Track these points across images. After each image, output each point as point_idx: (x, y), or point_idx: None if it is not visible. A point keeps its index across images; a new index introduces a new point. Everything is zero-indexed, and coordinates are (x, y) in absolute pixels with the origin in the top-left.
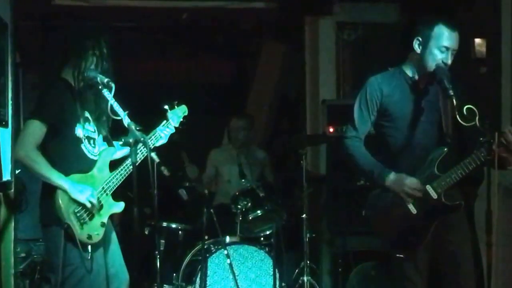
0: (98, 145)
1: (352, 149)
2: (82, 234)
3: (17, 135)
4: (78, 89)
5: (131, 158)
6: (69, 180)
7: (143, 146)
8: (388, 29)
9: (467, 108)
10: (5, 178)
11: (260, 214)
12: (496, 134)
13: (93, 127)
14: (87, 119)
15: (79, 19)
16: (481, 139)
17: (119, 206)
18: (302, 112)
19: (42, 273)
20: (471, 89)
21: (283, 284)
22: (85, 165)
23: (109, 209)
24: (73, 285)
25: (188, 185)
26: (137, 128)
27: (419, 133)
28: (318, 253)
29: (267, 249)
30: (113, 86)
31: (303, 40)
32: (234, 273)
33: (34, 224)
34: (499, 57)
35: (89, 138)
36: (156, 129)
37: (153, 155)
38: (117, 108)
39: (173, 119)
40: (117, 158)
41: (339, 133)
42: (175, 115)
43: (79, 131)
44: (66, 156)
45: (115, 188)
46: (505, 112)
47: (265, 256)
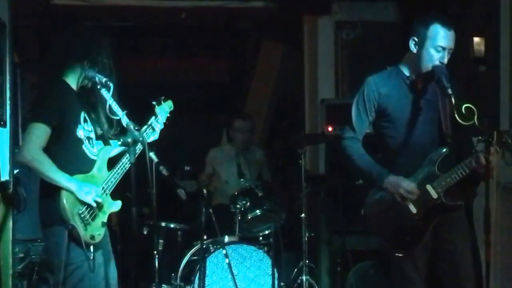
0: (95, 144)
1: (350, 150)
2: (86, 235)
3: (15, 135)
4: (78, 89)
5: (129, 158)
6: (75, 181)
7: (141, 146)
8: (386, 28)
9: (465, 107)
10: (3, 178)
11: (259, 213)
12: (495, 132)
13: (90, 126)
14: (86, 120)
15: (77, 18)
16: (480, 137)
17: (117, 205)
18: (301, 111)
19: (40, 274)
20: (470, 88)
21: (282, 283)
22: (86, 165)
23: (108, 208)
24: (74, 284)
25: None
26: (136, 128)
27: (418, 132)
28: (317, 253)
29: (266, 248)
30: (111, 85)
31: (301, 39)
32: (233, 273)
33: (32, 224)
34: (497, 56)
35: (88, 138)
36: (149, 122)
37: (152, 154)
38: (115, 107)
39: (161, 115)
40: (113, 156)
41: (337, 132)
42: (163, 111)
43: (80, 132)
44: (68, 157)
45: (113, 187)
46: (503, 111)
47: (264, 255)
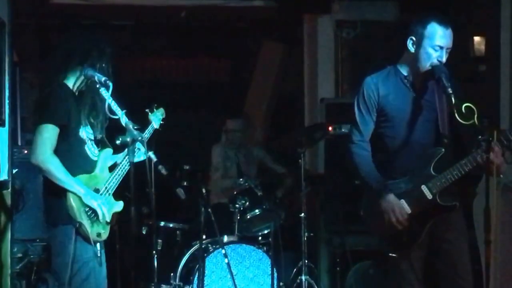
0: (95, 145)
1: (358, 159)
2: (92, 232)
3: (14, 134)
4: (78, 91)
5: (128, 157)
6: (84, 186)
7: (141, 145)
8: (386, 27)
9: (466, 107)
10: (2, 177)
11: (258, 213)
12: (495, 132)
13: (90, 129)
14: (87, 121)
15: (76, 17)
16: (480, 137)
17: (119, 205)
18: (301, 111)
19: (39, 274)
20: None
21: (281, 283)
22: (89, 166)
23: (111, 208)
24: (81, 281)
25: (186, 184)
26: (135, 127)
27: (416, 132)
28: (316, 252)
29: (265, 248)
30: (110, 85)
31: (301, 39)
32: (232, 273)
33: (31, 224)
34: (498, 55)
35: (90, 139)
36: (147, 129)
37: (151, 154)
38: (114, 107)
39: (155, 121)
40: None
41: (337, 131)
42: (156, 118)
43: (83, 133)
44: (73, 158)
45: (115, 187)
46: (503, 110)
47: (263, 255)
